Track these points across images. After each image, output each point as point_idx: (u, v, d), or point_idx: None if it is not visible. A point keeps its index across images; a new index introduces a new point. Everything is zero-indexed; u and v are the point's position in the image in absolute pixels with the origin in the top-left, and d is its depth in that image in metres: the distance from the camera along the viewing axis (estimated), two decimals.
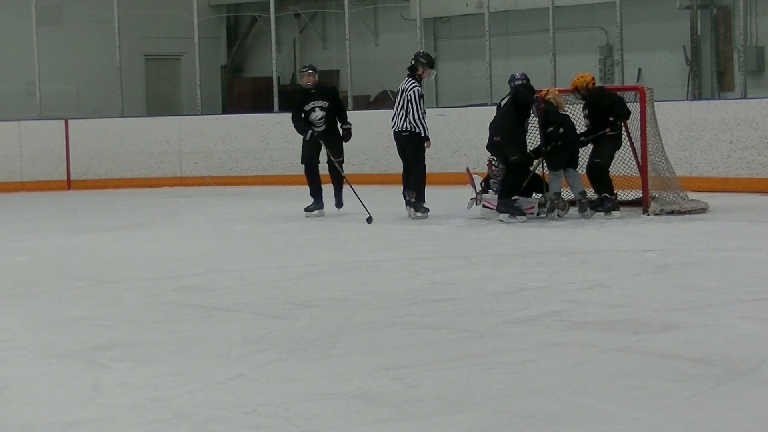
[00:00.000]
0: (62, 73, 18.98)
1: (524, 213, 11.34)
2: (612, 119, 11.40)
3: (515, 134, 11.27)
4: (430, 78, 12.39)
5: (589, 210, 11.44)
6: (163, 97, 20.80)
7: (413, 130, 11.71)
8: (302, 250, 9.92)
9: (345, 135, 12.29)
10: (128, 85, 18.29)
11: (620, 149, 11.67)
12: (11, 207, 15.19)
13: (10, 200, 16.03)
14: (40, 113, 17.78)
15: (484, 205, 11.59)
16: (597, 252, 9.37)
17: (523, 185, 11.42)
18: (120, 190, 16.86)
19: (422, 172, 11.84)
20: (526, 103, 11.25)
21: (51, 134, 17.37)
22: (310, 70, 12.33)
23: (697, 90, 16.99)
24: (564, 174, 11.53)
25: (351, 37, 17.46)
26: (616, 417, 4.56)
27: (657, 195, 11.61)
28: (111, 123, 17.72)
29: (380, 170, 16.07)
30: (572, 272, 8.23)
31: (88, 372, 5.56)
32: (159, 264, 9.34)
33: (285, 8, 20.62)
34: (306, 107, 12.24)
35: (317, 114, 12.19)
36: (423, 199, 11.82)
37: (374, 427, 4.54)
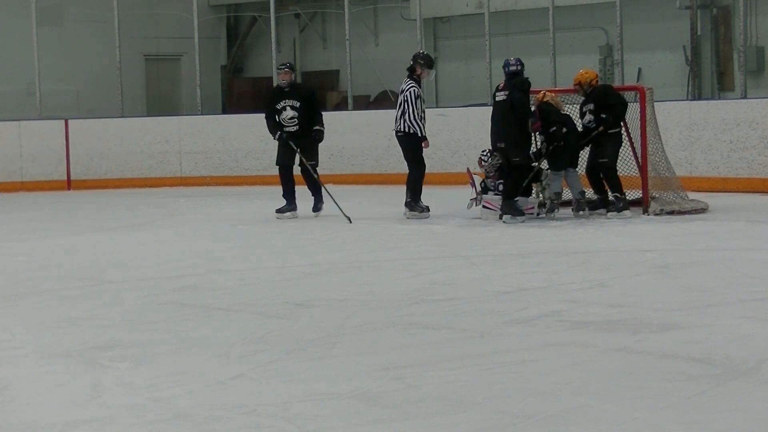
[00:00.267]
0: (62, 73, 18.98)
1: (524, 213, 11.35)
2: (605, 116, 11.32)
3: (518, 140, 11.25)
4: (429, 78, 12.38)
5: (587, 210, 11.43)
6: (163, 97, 20.79)
7: (408, 131, 11.75)
8: (302, 250, 9.91)
9: (314, 135, 11.99)
10: (128, 85, 18.29)
11: (621, 148, 11.66)
12: (11, 207, 15.19)
13: (10, 200, 16.03)
14: (40, 113, 17.78)
15: (484, 206, 11.58)
16: (597, 252, 9.37)
17: (523, 185, 11.42)
18: (120, 190, 16.85)
19: (417, 173, 11.84)
20: (524, 114, 11.20)
21: (51, 134, 17.37)
22: (287, 69, 12.15)
23: (697, 90, 17.00)
24: (564, 174, 11.51)
25: (351, 37, 17.46)
26: (616, 417, 4.56)
27: (657, 195, 11.61)
28: (111, 123, 17.72)
29: (380, 170, 16.08)
30: (572, 272, 8.23)
31: (88, 372, 5.56)
32: (159, 264, 9.34)
33: (285, 8, 20.62)
34: (278, 105, 12.04)
35: (288, 113, 11.96)
36: (417, 200, 11.82)
37: (374, 427, 4.54)
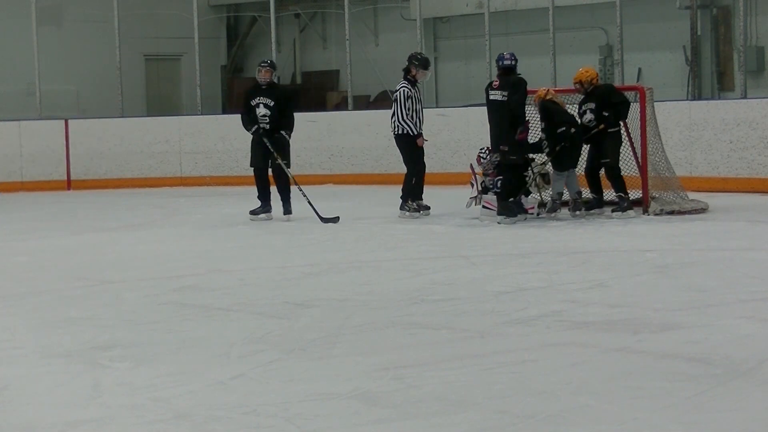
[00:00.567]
0: (62, 73, 18.98)
1: (525, 211, 11.28)
2: (606, 114, 11.31)
3: (520, 143, 11.22)
4: (425, 78, 12.38)
5: (583, 210, 11.42)
6: (163, 97, 20.79)
7: (396, 131, 11.86)
8: (302, 250, 9.91)
9: (277, 137, 11.92)
10: (128, 85, 18.29)
11: (621, 147, 11.65)
12: (11, 207, 15.19)
13: (10, 200, 16.03)
14: (40, 113, 17.78)
15: (484, 206, 11.55)
16: (597, 252, 9.37)
17: (523, 185, 11.37)
18: (120, 190, 16.85)
19: (411, 172, 11.86)
20: (518, 118, 11.15)
21: (51, 134, 17.37)
22: (268, 66, 12.08)
23: (697, 90, 16.99)
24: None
25: (351, 37, 17.46)
26: (616, 417, 4.56)
27: (657, 195, 11.60)
28: (111, 123, 17.71)
29: (380, 170, 16.07)
30: (572, 272, 8.23)
31: (88, 372, 5.56)
32: (159, 264, 9.35)
33: (285, 8, 20.61)
34: (252, 102, 11.99)
35: (261, 111, 11.90)
36: (413, 199, 11.83)
37: (374, 427, 4.54)
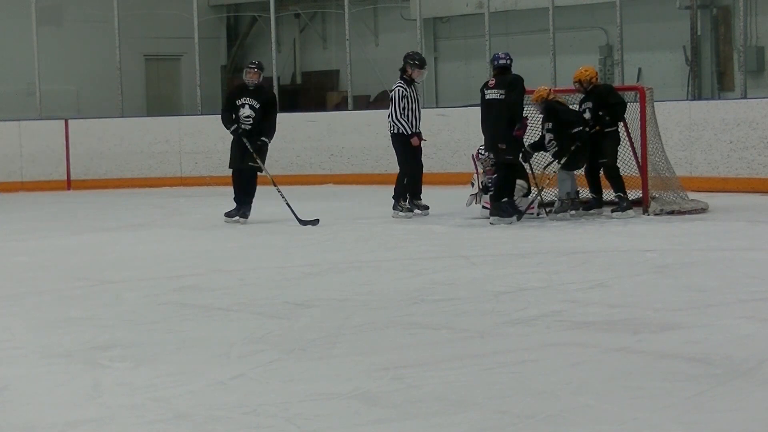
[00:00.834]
0: (62, 73, 18.99)
1: (519, 212, 11.19)
2: (602, 114, 11.30)
3: (514, 140, 11.21)
4: (422, 78, 12.37)
5: (580, 209, 11.41)
6: (163, 97, 20.80)
7: (390, 131, 11.94)
8: (302, 250, 9.91)
9: (257, 143, 11.77)
10: (128, 85, 18.30)
11: (620, 146, 11.64)
12: (11, 207, 15.19)
13: (10, 200, 16.03)
14: (40, 113, 17.78)
15: (484, 206, 11.55)
16: (597, 252, 9.37)
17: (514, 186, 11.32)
18: (120, 190, 16.85)
19: (402, 172, 11.88)
20: (516, 116, 11.14)
21: (51, 134, 17.37)
22: (256, 68, 12.00)
23: (697, 90, 16.99)
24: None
25: (351, 37, 17.46)
26: (616, 417, 4.56)
27: (657, 195, 11.60)
28: (111, 123, 17.72)
29: (380, 170, 16.06)
30: (572, 272, 8.23)
31: (88, 372, 5.56)
32: (159, 264, 9.35)
33: (285, 8, 20.61)
34: (238, 101, 11.88)
35: (245, 111, 11.78)
36: (399, 199, 11.85)
37: (374, 427, 4.54)
